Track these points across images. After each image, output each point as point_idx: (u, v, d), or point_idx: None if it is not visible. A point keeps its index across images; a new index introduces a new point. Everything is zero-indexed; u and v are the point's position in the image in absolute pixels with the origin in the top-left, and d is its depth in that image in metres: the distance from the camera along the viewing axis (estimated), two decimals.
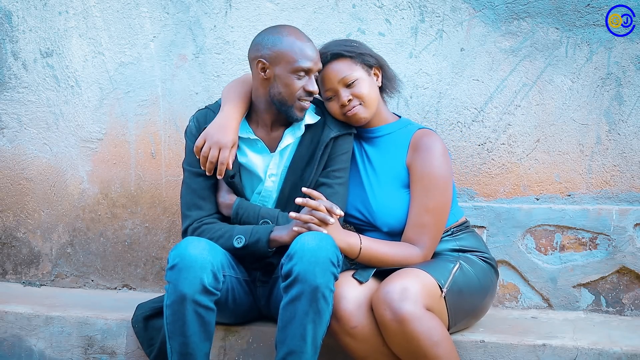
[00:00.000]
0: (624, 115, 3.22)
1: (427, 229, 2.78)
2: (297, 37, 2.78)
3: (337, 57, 2.86)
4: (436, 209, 2.79)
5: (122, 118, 3.55)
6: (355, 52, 2.86)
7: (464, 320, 2.82)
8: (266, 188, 2.89)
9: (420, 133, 2.88)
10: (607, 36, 3.20)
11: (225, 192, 2.89)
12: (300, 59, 2.75)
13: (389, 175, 2.88)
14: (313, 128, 2.88)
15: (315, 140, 2.87)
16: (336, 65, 2.86)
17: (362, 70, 2.86)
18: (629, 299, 3.19)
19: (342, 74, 2.84)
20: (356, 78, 2.84)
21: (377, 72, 2.92)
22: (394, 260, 2.75)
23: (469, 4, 3.28)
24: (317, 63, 2.78)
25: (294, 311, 2.51)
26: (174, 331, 2.58)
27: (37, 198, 3.64)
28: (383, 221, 2.85)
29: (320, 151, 2.84)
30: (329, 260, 2.51)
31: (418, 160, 2.82)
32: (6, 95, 3.64)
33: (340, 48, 2.86)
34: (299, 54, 2.75)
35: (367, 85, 2.85)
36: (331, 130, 2.85)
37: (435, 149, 2.82)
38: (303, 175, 2.86)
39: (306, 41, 2.78)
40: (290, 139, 2.86)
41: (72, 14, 3.56)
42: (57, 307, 3.23)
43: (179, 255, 2.56)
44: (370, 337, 2.64)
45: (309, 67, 2.75)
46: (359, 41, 2.97)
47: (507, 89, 3.28)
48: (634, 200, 3.22)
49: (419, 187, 2.81)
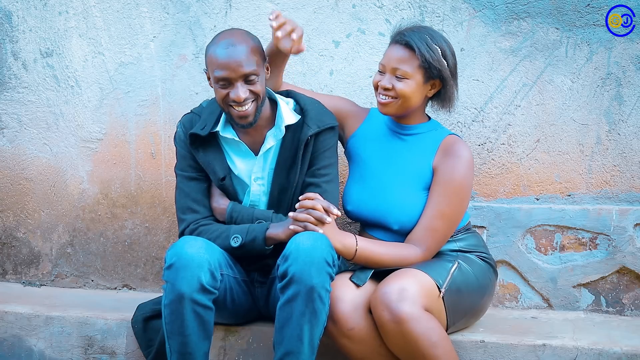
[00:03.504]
0: (624, 115, 3.22)
1: (437, 233, 2.78)
2: (221, 45, 2.69)
3: (408, 46, 2.79)
4: (451, 216, 2.78)
5: (122, 118, 3.55)
6: (425, 59, 2.76)
7: (463, 320, 2.81)
8: (253, 192, 2.87)
9: (452, 139, 2.86)
10: (607, 36, 3.20)
11: (218, 196, 2.88)
12: (215, 69, 2.69)
13: (412, 175, 2.85)
14: (293, 128, 2.83)
15: (295, 140, 2.82)
16: (402, 52, 2.79)
17: (420, 75, 2.79)
18: (629, 299, 3.19)
19: (398, 64, 2.78)
20: (408, 77, 2.78)
21: (436, 85, 2.85)
22: (391, 261, 2.74)
23: (469, 4, 3.28)
24: (236, 70, 2.65)
25: (290, 312, 2.51)
26: (173, 330, 2.58)
27: (37, 198, 3.64)
28: (396, 218, 2.83)
29: (301, 151, 2.80)
30: (324, 260, 2.51)
31: (446, 165, 2.81)
32: (6, 95, 3.64)
33: (418, 45, 2.77)
34: (215, 64, 2.69)
35: (413, 89, 2.79)
36: (309, 128, 2.80)
37: (464, 158, 2.80)
38: (289, 177, 2.83)
39: (227, 48, 2.67)
40: (272, 142, 2.83)
41: (72, 14, 3.56)
42: (57, 307, 3.23)
43: (176, 255, 2.56)
44: (368, 339, 2.64)
45: (223, 76, 2.68)
46: (445, 48, 2.81)
47: (507, 89, 3.28)
48: (634, 200, 3.22)
49: (439, 191, 2.79)
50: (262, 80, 2.74)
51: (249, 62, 2.68)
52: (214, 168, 2.84)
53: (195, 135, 2.83)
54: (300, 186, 2.82)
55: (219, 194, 2.88)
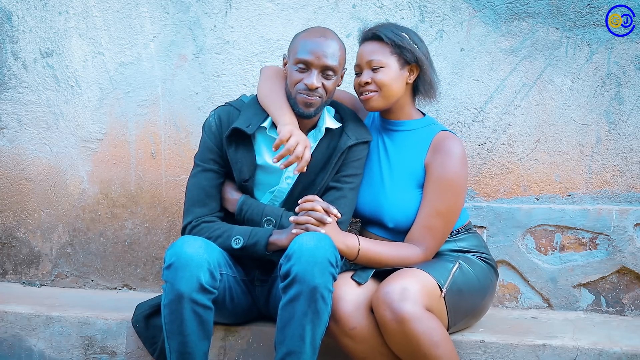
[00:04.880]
0: (624, 115, 3.22)
1: (434, 231, 2.78)
2: (313, 34, 2.79)
3: (377, 38, 2.84)
4: (447, 213, 2.78)
5: (122, 118, 3.55)
6: (395, 43, 2.82)
7: (464, 320, 2.81)
8: (280, 189, 2.89)
9: (443, 135, 2.86)
10: (607, 36, 3.20)
11: (232, 188, 2.88)
12: (300, 51, 2.75)
13: (405, 172, 2.86)
14: (331, 134, 2.88)
15: (332, 146, 2.87)
16: (372, 45, 2.84)
17: (395, 61, 2.83)
18: (629, 299, 3.19)
19: (372, 56, 2.82)
20: (383, 65, 2.81)
21: (414, 70, 2.87)
22: (393, 261, 2.74)
23: (469, 4, 3.28)
24: (320, 58, 2.74)
25: (293, 312, 2.51)
26: (172, 330, 2.58)
27: (37, 198, 3.64)
28: (391, 217, 2.84)
29: (336, 158, 2.84)
30: (327, 260, 2.51)
31: (437, 162, 2.81)
32: (6, 95, 3.65)
33: (385, 33, 2.83)
34: (302, 47, 2.76)
35: (391, 77, 2.82)
36: (349, 139, 2.85)
37: (456, 154, 2.80)
38: (315, 180, 2.86)
39: (319, 38, 2.77)
40: (312, 143, 2.86)
41: (72, 14, 3.56)
42: (57, 307, 3.23)
43: (175, 254, 2.56)
44: (370, 338, 2.64)
45: (306, 59, 2.74)
46: (412, 34, 2.88)
47: (507, 89, 3.28)
48: (634, 200, 3.22)
49: (433, 188, 2.80)
50: (335, 81, 2.80)
51: (334, 58, 2.76)
52: (242, 167, 2.84)
53: (237, 131, 2.83)
54: (323, 190, 2.85)
55: (232, 185, 2.88)
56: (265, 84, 2.91)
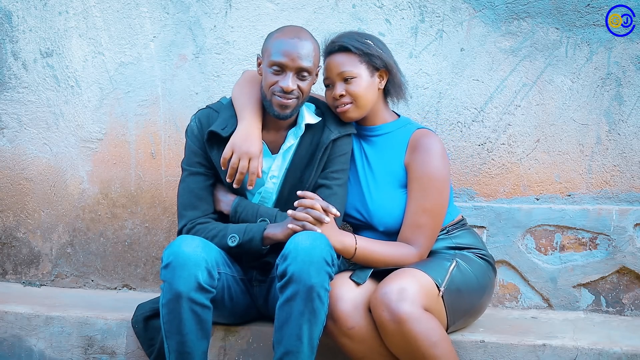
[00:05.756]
0: (624, 115, 3.22)
1: (424, 229, 2.78)
2: (287, 34, 2.76)
3: (344, 49, 2.85)
4: (433, 209, 2.79)
5: (122, 118, 3.55)
6: (363, 51, 2.83)
7: (463, 319, 2.81)
8: (266, 189, 2.89)
9: (419, 133, 2.87)
10: (607, 36, 3.20)
11: (225, 190, 2.89)
12: (274, 53, 2.73)
13: (387, 175, 2.88)
14: (313, 129, 2.87)
15: (314, 141, 2.86)
16: (340, 57, 2.84)
17: (365, 69, 2.84)
18: (629, 299, 3.19)
19: (342, 67, 2.83)
20: (355, 76, 2.83)
21: (383, 75, 2.89)
22: (389, 261, 2.75)
23: (469, 4, 3.28)
24: (294, 60, 2.71)
25: (290, 311, 2.51)
26: (171, 330, 2.58)
27: (37, 198, 3.64)
28: (379, 220, 2.85)
29: (320, 153, 2.84)
30: (323, 259, 2.51)
31: (416, 161, 2.82)
32: (6, 95, 3.65)
33: (351, 43, 2.84)
34: (276, 49, 2.73)
35: (364, 86, 2.83)
36: (331, 132, 2.85)
37: (434, 150, 2.81)
38: (302, 177, 2.86)
39: (293, 38, 2.74)
40: (292, 140, 2.86)
41: (72, 14, 3.56)
42: (57, 307, 3.23)
43: (173, 254, 2.56)
44: (368, 338, 2.64)
45: (280, 62, 2.72)
46: (376, 40, 2.91)
47: (507, 89, 3.28)
48: (634, 200, 3.22)
49: (416, 187, 2.81)
50: (310, 81, 2.79)
51: (309, 59, 2.74)
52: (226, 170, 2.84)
53: (214, 134, 2.83)
54: (312, 187, 2.84)
55: (225, 188, 2.88)
56: (238, 86, 2.92)
